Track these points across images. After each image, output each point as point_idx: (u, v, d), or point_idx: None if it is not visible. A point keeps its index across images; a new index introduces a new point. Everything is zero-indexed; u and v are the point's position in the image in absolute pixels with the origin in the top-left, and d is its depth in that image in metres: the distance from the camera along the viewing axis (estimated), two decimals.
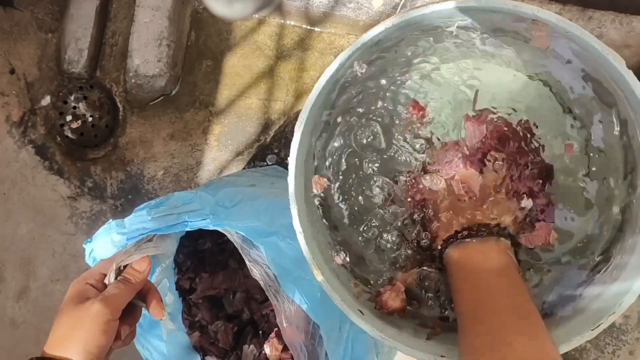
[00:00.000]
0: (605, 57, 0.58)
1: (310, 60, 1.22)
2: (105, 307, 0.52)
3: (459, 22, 0.62)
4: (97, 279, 0.57)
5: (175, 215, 0.64)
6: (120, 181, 1.27)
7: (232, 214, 0.69)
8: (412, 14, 0.61)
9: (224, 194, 0.73)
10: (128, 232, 0.63)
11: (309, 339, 0.67)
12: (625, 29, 1.00)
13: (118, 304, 0.54)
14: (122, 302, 0.55)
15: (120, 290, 0.55)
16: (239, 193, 0.75)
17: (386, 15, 1.12)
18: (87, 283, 0.55)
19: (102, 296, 0.53)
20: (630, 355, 1.13)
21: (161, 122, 1.26)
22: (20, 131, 1.28)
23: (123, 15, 1.26)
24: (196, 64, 1.25)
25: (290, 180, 0.63)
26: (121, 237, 0.63)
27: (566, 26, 0.59)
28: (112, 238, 0.63)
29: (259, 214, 0.71)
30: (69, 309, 0.52)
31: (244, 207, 0.71)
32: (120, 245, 0.63)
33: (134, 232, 0.63)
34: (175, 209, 0.66)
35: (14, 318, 1.29)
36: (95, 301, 0.52)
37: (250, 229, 0.67)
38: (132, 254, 0.58)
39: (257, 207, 0.72)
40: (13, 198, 1.28)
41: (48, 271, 1.28)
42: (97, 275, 0.57)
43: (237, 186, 0.83)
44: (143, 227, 0.63)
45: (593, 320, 0.59)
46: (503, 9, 0.61)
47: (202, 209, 0.66)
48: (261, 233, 0.68)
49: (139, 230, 0.63)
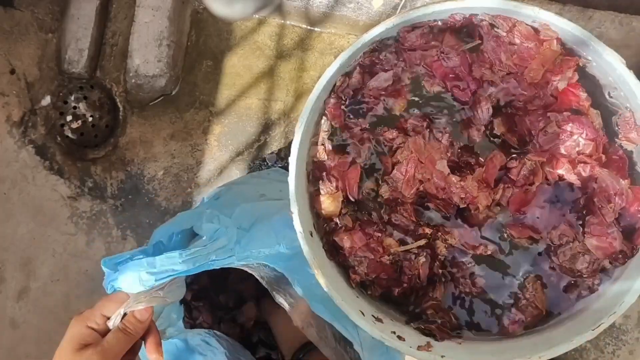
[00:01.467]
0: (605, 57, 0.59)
1: (310, 60, 1.22)
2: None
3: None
4: (99, 321, 0.56)
5: (204, 256, 0.65)
6: (121, 181, 1.27)
7: (253, 238, 0.70)
8: (412, 14, 0.62)
9: (240, 212, 0.73)
10: (157, 273, 0.63)
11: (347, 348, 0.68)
12: (625, 29, 1.00)
13: (116, 354, 0.54)
14: (121, 352, 0.55)
15: (118, 341, 0.55)
16: (254, 210, 0.75)
17: (386, 15, 1.12)
18: (88, 326, 0.55)
19: (101, 347, 0.53)
20: (630, 355, 1.13)
21: (161, 122, 1.26)
22: (21, 131, 1.28)
23: (123, 15, 1.26)
24: (196, 64, 1.25)
25: (291, 180, 0.63)
26: (149, 277, 0.62)
27: (566, 26, 0.59)
28: (141, 276, 0.62)
29: (278, 236, 0.71)
30: (69, 354, 0.53)
31: (263, 228, 0.72)
32: (148, 284, 0.62)
33: (164, 272, 0.63)
34: (204, 249, 0.66)
35: (14, 318, 1.29)
36: (94, 352, 0.52)
37: (273, 257, 0.68)
38: (141, 301, 0.58)
39: (274, 226, 0.73)
40: (13, 198, 1.28)
41: (48, 271, 1.29)
42: (99, 318, 0.56)
43: (249, 200, 0.83)
44: (173, 269, 0.63)
45: (593, 320, 0.59)
46: (503, 10, 0.61)
47: (227, 244, 0.67)
48: (283, 257, 0.68)
49: (169, 272, 0.63)
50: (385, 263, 0.65)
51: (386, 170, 0.66)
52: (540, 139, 0.63)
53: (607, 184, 0.60)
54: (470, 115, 0.65)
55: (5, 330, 1.28)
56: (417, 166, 0.64)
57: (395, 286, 0.65)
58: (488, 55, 0.64)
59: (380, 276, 0.65)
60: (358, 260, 0.65)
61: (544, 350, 0.58)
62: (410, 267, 0.65)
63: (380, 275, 0.65)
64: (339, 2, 1.13)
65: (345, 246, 0.65)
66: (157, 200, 1.27)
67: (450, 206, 0.64)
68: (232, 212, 0.73)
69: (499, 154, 0.63)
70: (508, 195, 0.63)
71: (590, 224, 0.61)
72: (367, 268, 0.65)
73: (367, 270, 0.65)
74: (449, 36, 0.64)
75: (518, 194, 0.63)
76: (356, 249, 0.65)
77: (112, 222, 1.28)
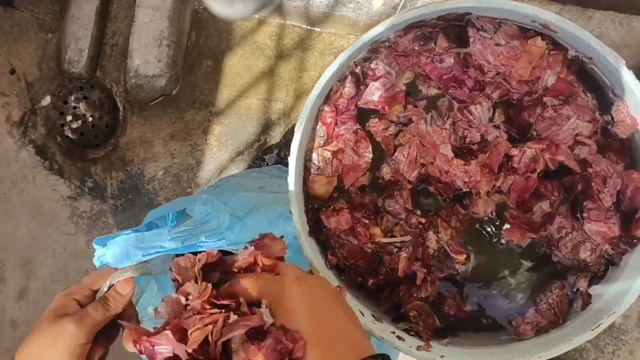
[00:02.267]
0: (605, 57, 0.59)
1: (310, 60, 1.22)
2: (80, 330, 0.51)
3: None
4: (85, 294, 0.55)
5: (193, 236, 0.65)
6: (121, 181, 1.27)
7: (246, 226, 0.69)
8: (412, 14, 0.62)
9: (236, 200, 0.73)
10: (145, 248, 0.63)
11: None
12: (625, 29, 1.00)
13: (92, 326, 0.53)
14: (98, 324, 0.54)
15: (97, 312, 0.54)
16: (250, 200, 0.75)
17: (386, 15, 1.12)
18: (72, 298, 0.54)
19: (78, 316, 0.52)
20: (630, 355, 1.12)
21: (161, 122, 1.26)
22: (21, 131, 1.28)
23: (123, 15, 1.26)
24: (196, 64, 1.25)
25: (291, 180, 0.63)
26: (137, 252, 0.63)
27: (566, 26, 0.59)
28: (129, 251, 0.63)
29: (272, 226, 0.71)
30: (45, 324, 0.52)
31: (257, 217, 0.72)
32: (135, 259, 0.62)
33: (151, 248, 0.63)
34: (194, 229, 0.66)
35: (14, 318, 1.29)
36: (70, 321, 0.51)
37: None
38: (126, 271, 0.57)
39: (269, 216, 0.73)
40: (13, 198, 1.28)
41: (48, 271, 1.29)
42: (85, 291, 0.56)
43: (247, 190, 0.83)
44: (161, 246, 0.63)
45: (593, 320, 0.59)
46: (503, 9, 0.61)
47: (218, 227, 0.66)
48: None
49: (156, 248, 0.63)
50: (367, 251, 0.65)
51: (388, 152, 0.66)
52: (539, 127, 0.63)
53: (601, 167, 0.61)
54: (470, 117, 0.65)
55: (5, 330, 1.28)
56: (419, 149, 0.64)
57: (371, 277, 0.65)
58: (476, 58, 0.64)
59: (358, 263, 0.66)
60: (340, 242, 0.65)
61: (543, 350, 0.58)
62: (390, 261, 0.65)
63: (359, 263, 0.66)
64: (339, 2, 1.13)
65: (330, 226, 0.65)
66: (157, 200, 1.27)
67: (451, 190, 0.64)
68: (229, 199, 0.73)
69: (503, 141, 0.63)
70: (509, 182, 0.63)
71: (588, 209, 0.61)
72: (348, 252, 0.65)
73: (346, 254, 0.65)
74: (442, 38, 0.64)
75: (519, 181, 0.63)
76: (340, 231, 0.65)
77: (112, 222, 1.28)
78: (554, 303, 0.62)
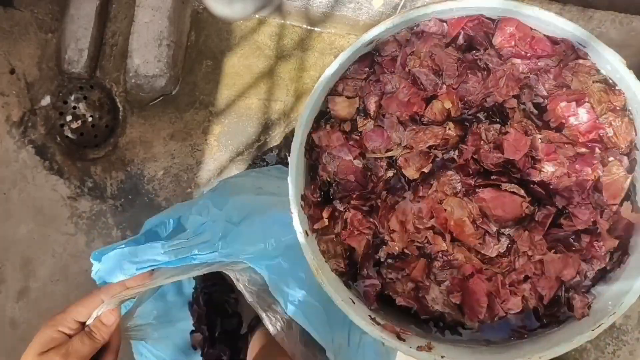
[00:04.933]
0: (605, 57, 0.59)
1: (311, 60, 1.22)
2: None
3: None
4: (71, 326, 0.55)
5: (187, 249, 0.65)
6: (120, 181, 1.27)
7: (240, 233, 0.69)
8: (412, 14, 0.62)
9: (232, 205, 0.73)
10: (139, 262, 0.63)
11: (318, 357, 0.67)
12: (625, 29, 1.00)
13: (79, 359, 0.53)
14: (85, 356, 0.54)
15: (83, 345, 0.54)
16: (246, 204, 0.75)
17: (386, 15, 1.12)
18: (57, 330, 0.54)
19: (65, 349, 0.52)
20: (630, 355, 1.12)
21: (161, 122, 1.26)
22: (20, 131, 1.28)
23: (123, 15, 1.26)
24: (196, 64, 1.25)
25: (291, 181, 0.63)
26: (130, 266, 0.63)
27: (566, 26, 0.59)
28: (122, 265, 0.63)
29: (266, 234, 0.70)
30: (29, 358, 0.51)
31: (252, 224, 0.71)
32: (129, 273, 0.62)
33: (145, 262, 0.63)
34: (187, 242, 0.66)
35: (14, 318, 1.29)
36: (56, 356, 0.51)
37: (257, 255, 0.67)
38: (111, 303, 0.57)
39: (265, 223, 0.72)
40: (13, 198, 1.28)
41: (48, 271, 1.28)
42: (71, 323, 0.56)
43: (245, 192, 0.83)
44: (154, 259, 0.63)
45: (593, 320, 0.59)
46: (504, 10, 0.61)
47: (211, 239, 0.66)
48: (267, 256, 0.68)
49: (150, 261, 0.63)
50: (357, 166, 0.66)
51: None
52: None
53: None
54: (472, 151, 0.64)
55: (5, 330, 1.28)
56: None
57: (359, 190, 0.66)
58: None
59: (348, 178, 0.66)
60: (331, 156, 0.66)
61: (544, 350, 0.58)
62: (376, 175, 0.66)
63: (348, 177, 0.66)
64: (339, 2, 1.13)
65: (322, 144, 0.66)
66: (157, 200, 1.27)
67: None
68: (225, 203, 0.73)
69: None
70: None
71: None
72: (337, 168, 0.66)
73: (336, 169, 0.66)
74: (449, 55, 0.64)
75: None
76: (331, 147, 0.66)
77: (112, 222, 1.28)
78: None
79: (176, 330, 0.84)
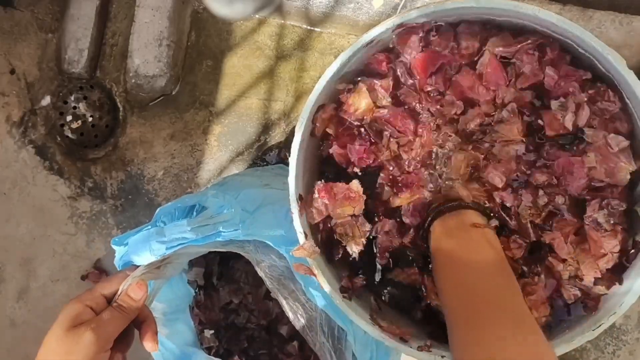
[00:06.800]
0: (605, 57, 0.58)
1: (311, 60, 1.22)
2: (97, 339, 0.49)
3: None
4: (98, 301, 0.54)
5: (211, 226, 0.64)
6: (121, 181, 1.27)
7: (257, 220, 0.69)
8: (412, 14, 0.62)
9: (244, 196, 0.73)
10: (167, 242, 0.62)
11: (336, 344, 0.67)
12: (625, 29, 1.00)
13: (110, 333, 0.52)
14: (115, 331, 0.52)
15: (114, 318, 0.52)
16: (257, 195, 0.75)
17: (386, 16, 1.12)
18: (86, 305, 0.53)
19: (95, 324, 0.51)
20: (630, 355, 1.13)
21: (161, 122, 1.26)
22: (21, 131, 1.28)
23: (123, 15, 1.26)
24: (196, 64, 1.25)
25: (291, 181, 0.63)
26: (160, 246, 0.62)
27: (567, 26, 0.59)
28: (151, 246, 0.62)
29: (281, 221, 0.70)
30: (60, 333, 0.50)
31: (266, 212, 0.71)
32: (159, 253, 0.61)
33: (173, 241, 0.62)
34: (211, 219, 0.66)
35: (14, 318, 1.29)
36: (87, 329, 0.49)
37: (277, 238, 0.67)
38: (136, 276, 0.56)
39: (277, 212, 0.72)
40: (13, 198, 1.28)
41: (48, 271, 1.28)
42: (98, 298, 0.54)
43: (253, 186, 0.83)
44: (182, 237, 0.63)
45: (594, 320, 0.59)
46: (503, 9, 0.61)
47: (233, 218, 0.66)
48: (286, 241, 0.68)
49: (179, 239, 0.62)
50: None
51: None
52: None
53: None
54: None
55: (5, 330, 1.28)
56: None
57: (350, 144, 0.66)
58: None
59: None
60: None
61: None
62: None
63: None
64: (339, 2, 1.13)
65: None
66: (157, 200, 1.27)
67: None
68: (237, 194, 0.73)
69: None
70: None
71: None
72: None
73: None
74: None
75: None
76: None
77: (112, 222, 1.28)
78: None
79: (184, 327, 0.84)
